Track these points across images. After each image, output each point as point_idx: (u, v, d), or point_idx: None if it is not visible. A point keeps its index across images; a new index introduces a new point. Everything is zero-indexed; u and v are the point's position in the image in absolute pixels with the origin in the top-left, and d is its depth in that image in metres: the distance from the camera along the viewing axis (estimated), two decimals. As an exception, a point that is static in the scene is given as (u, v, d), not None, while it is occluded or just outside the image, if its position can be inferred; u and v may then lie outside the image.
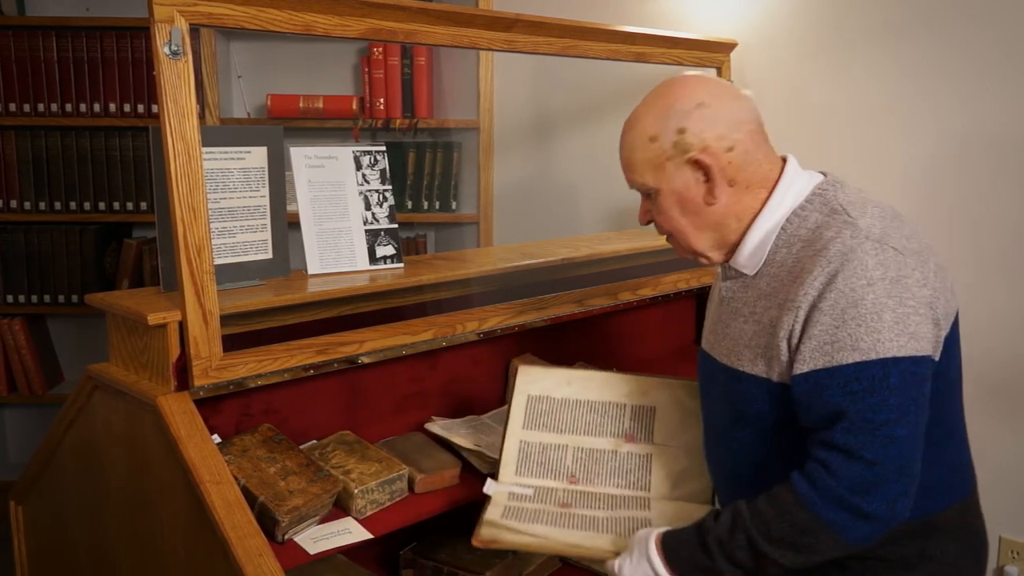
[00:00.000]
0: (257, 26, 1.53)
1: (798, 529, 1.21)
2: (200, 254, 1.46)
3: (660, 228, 1.41)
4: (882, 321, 1.19)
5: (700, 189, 1.33)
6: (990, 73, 2.21)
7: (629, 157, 1.38)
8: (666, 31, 2.33)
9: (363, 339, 1.72)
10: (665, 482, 1.58)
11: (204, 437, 1.46)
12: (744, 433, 1.36)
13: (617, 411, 1.66)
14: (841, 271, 1.22)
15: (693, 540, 1.29)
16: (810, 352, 1.23)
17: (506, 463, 1.61)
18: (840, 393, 1.20)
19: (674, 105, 1.34)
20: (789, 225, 1.32)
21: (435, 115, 3.35)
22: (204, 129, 1.50)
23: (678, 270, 2.44)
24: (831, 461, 1.20)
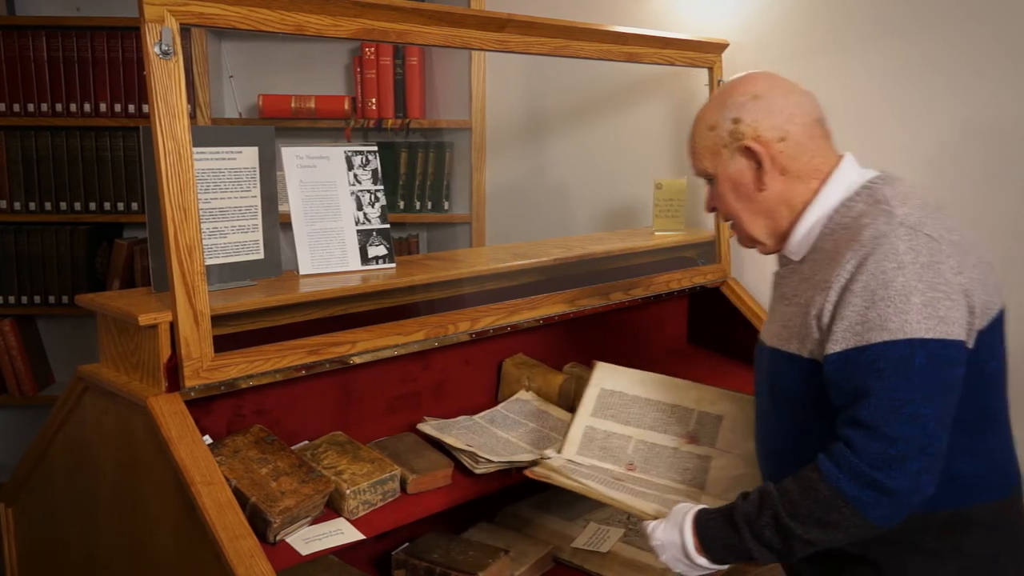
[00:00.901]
0: (249, 26, 1.52)
1: (822, 506, 1.23)
2: (191, 254, 1.46)
3: (721, 214, 1.49)
4: (910, 303, 1.22)
5: (752, 176, 1.41)
6: (987, 70, 2.20)
7: (693, 145, 1.47)
8: (657, 31, 2.34)
9: (355, 339, 1.72)
10: (719, 484, 1.62)
11: (195, 438, 1.46)
12: (781, 412, 1.41)
13: (684, 414, 1.73)
14: (872, 254, 1.26)
15: (722, 517, 1.33)
16: (841, 332, 1.26)
17: (570, 443, 1.69)
18: (867, 372, 1.23)
19: (732, 96, 1.43)
20: (836, 215, 1.37)
21: (427, 115, 3.35)
22: (195, 129, 1.50)
23: (670, 270, 2.45)
24: (854, 438, 1.23)
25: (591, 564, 1.84)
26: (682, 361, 2.51)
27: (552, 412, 2.02)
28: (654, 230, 2.65)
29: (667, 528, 1.37)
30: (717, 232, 2.60)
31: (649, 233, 2.65)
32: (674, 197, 2.64)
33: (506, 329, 2.02)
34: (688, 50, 2.42)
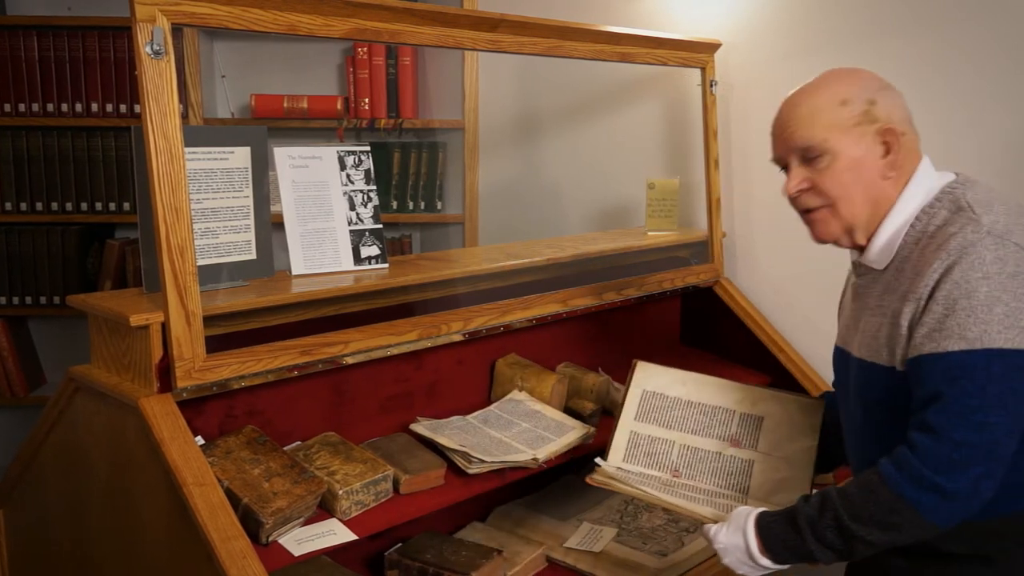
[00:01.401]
0: (241, 26, 1.52)
1: (883, 508, 1.26)
2: (183, 255, 1.46)
3: (818, 195, 1.41)
4: (992, 313, 1.23)
5: (877, 162, 1.37)
6: (986, 70, 2.20)
7: (808, 117, 1.38)
8: (650, 31, 2.34)
9: (347, 340, 1.72)
10: (763, 488, 1.63)
11: (187, 439, 1.45)
12: (876, 424, 1.41)
13: (726, 416, 1.73)
14: (958, 263, 1.26)
15: (785, 519, 1.36)
16: (920, 339, 1.28)
17: (615, 449, 1.70)
18: (941, 378, 1.25)
19: (864, 79, 1.40)
20: (918, 223, 1.37)
21: (420, 115, 3.35)
22: (186, 129, 1.49)
23: (663, 270, 2.45)
24: (919, 441, 1.25)
25: (584, 564, 1.84)
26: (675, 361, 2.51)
27: (545, 412, 2.02)
28: (647, 230, 2.65)
29: (730, 531, 1.40)
30: (710, 232, 2.60)
31: (642, 233, 2.65)
32: (667, 197, 2.64)
33: (499, 329, 2.02)
34: (681, 50, 2.42)
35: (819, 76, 1.44)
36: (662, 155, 2.87)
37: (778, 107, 1.46)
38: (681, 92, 2.77)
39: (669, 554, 1.86)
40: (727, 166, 2.67)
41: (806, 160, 1.40)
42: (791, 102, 1.43)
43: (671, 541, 1.91)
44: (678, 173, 2.77)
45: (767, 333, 2.49)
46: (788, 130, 1.41)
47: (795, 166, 1.42)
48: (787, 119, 1.42)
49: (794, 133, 1.40)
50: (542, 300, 2.10)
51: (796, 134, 1.39)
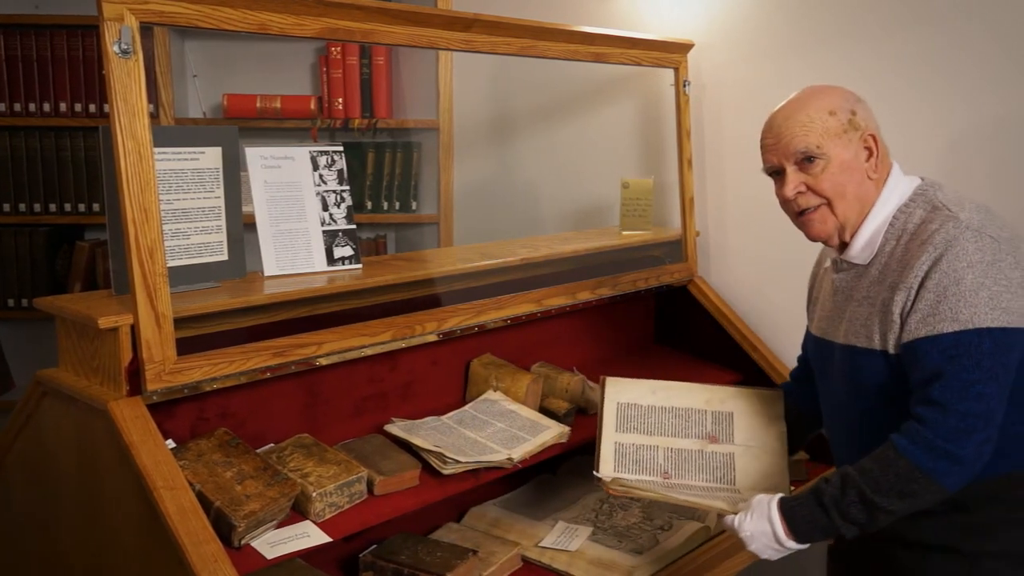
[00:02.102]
0: (210, 25, 1.51)
1: (902, 479, 1.39)
2: (152, 256, 1.44)
3: (815, 196, 1.54)
4: (979, 297, 1.39)
5: (862, 164, 1.53)
6: (959, 71, 2.22)
7: (805, 127, 1.53)
8: (624, 32, 2.35)
9: (321, 341, 1.71)
10: (749, 477, 1.73)
11: (157, 442, 1.44)
12: (865, 404, 1.55)
13: (699, 416, 1.82)
14: (945, 255, 1.42)
15: (810, 501, 1.46)
16: (915, 323, 1.43)
17: (604, 460, 1.76)
18: (940, 357, 1.39)
19: (843, 93, 1.56)
20: (896, 221, 1.53)
21: (394, 115, 3.33)
22: (156, 129, 1.48)
23: (637, 269, 2.46)
24: (927, 415, 1.39)
25: (559, 563, 1.85)
26: (649, 360, 2.53)
27: (520, 412, 2.02)
28: (621, 230, 2.66)
29: (754, 519, 1.50)
30: (683, 231, 2.62)
31: (616, 232, 2.66)
32: (641, 197, 2.65)
33: (474, 329, 2.01)
34: (654, 50, 2.43)
35: (801, 92, 1.58)
36: (636, 155, 2.88)
37: (762, 118, 1.60)
38: (655, 92, 2.78)
39: (644, 552, 1.87)
40: (700, 166, 2.68)
41: (802, 165, 1.53)
42: (783, 115, 1.56)
43: (646, 539, 1.92)
44: (652, 173, 2.78)
45: (740, 331, 2.51)
46: (784, 139, 1.54)
47: (792, 172, 1.54)
48: (781, 130, 1.55)
49: (792, 141, 1.53)
50: (516, 300, 2.10)
51: (793, 141, 1.53)
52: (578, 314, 2.33)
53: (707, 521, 1.98)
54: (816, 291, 1.76)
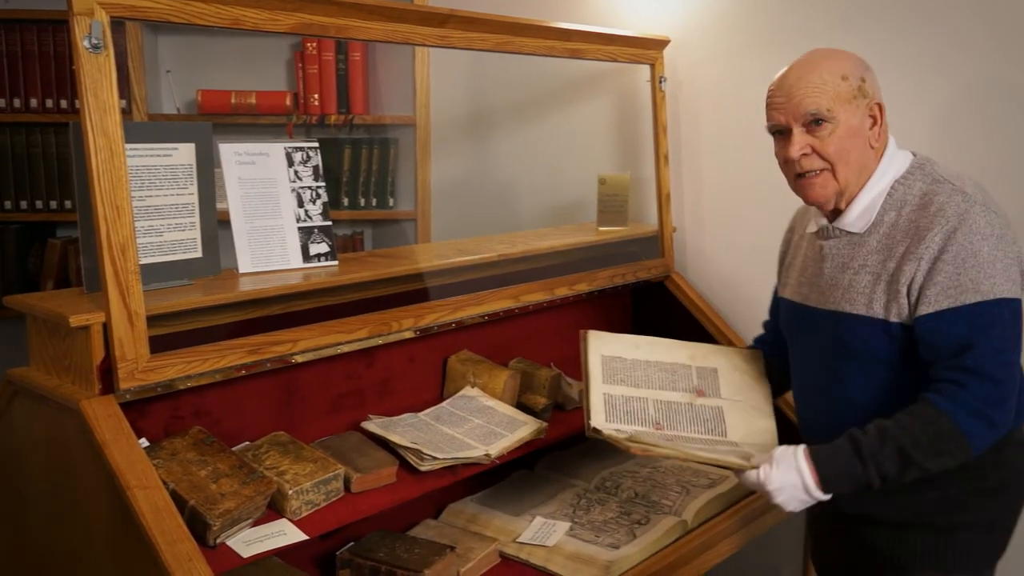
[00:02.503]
0: (183, 20, 1.49)
1: (941, 438, 1.43)
2: (124, 253, 1.43)
3: (820, 159, 1.55)
4: (995, 269, 1.45)
5: (866, 132, 1.55)
6: (930, 59, 2.24)
7: (818, 88, 1.52)
8: (600, 28, 2.35)
9: (296, 338, 1.70)
10: (739, 430, 1.73)
11: (130, 441, 1.42)
12: (853, 368, 1.57)
13: (684, 370, 1.82)
14: (960, 228, 1.46)
15: (848, 450, 1.47)
16: (935, 295, 1.46)
17: (595, 411, 1.71)
18: (967, 327, 1.44)
19: (855, 59, 1.57)
20: (895, 192, 1.56)
21: (371, 111, 3.32)
22: (127, 125, 1.46)
23: (614, 265, 2.46)
24: (966, 381, 1.44)
25: (537, 558, 1.85)
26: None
27: (498, 408, 2.02)
28: (598, 225, 2.66)
29: (781, 471, 1.49)
30: (660, 227, 2.62)
31: (593, 228, 2.66)
32: (618, 192, 2.65)
33: (451, 325, 2.01)
34: (630, 47, 2.44)
35: (813, 53, 1.58)
36: (613, 151, 2.89)
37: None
38: (631, 88, 2.79)
39: (621, 546, 1.87)
40: (677, 161, 2.69)
41: (809, 127, 1.54)
42: (795, 74, 1.55)
43: (623, 534, 1.93)
44: (629, 169, 2.79)
45: (717, 327, 2.52)
46: (795, 99, 1.53)
47: (798, 132, 1.54)
48: (793, 89, 1.54)
49: (802, 101, 1.53)
50: (494, 296, 2.10)
51: (804, 102, 1.52)
52: (555, 310, 2.33)
53: (684, 515, 1.99)
54: (791, 257, 1.77)
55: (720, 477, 2.15)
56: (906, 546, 1.58)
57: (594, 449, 2.31)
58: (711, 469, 2.19)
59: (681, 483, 2.13)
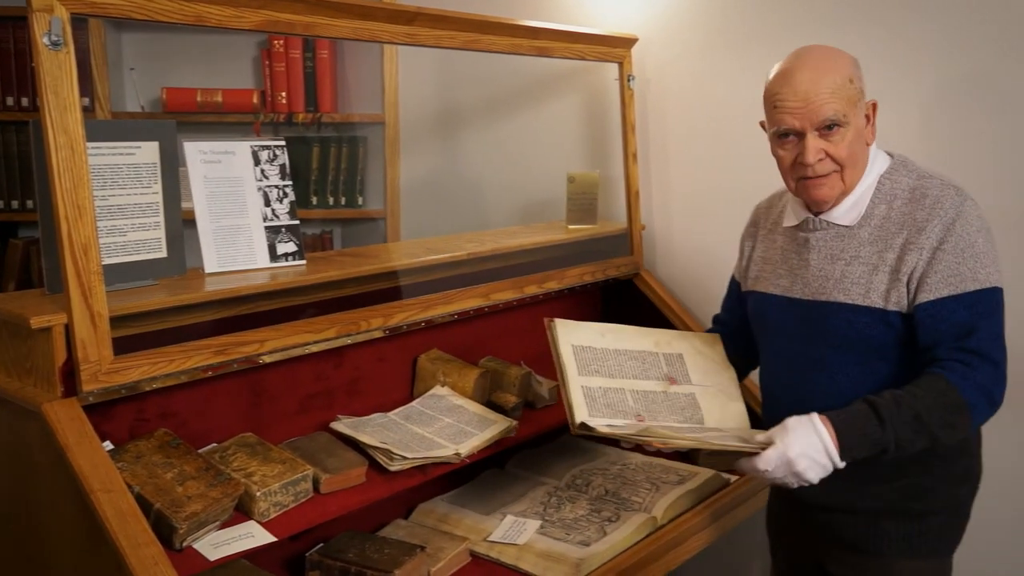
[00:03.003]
0: (145, 16, 1.47)
1: (951, 410, 1.48)
2: (87, 253, 1.41)
3: (832, 162, 1.57)
4: (988, 258, 1.53)
5: (864, 131, 1.59)
6: (898, 64, 2.26)
7: (834, 94, 1.53)
8: (568, 26, 2.35)
9: (264, 338, 1.69)
10: (713, 415, 1.74)
11: (94, 444, 1.40)
12: (844, 357, 1.60)
13: (652, 358, 1.81)
14: (957, 220, 1.53)
15: (866, 413, 1.49)
16: (936, 284, 1.52)
17: (578, 406, 1.68)
18: (968, 313, 1.50)
19: (852, 59, 1.59)
20: (883, 186, 1.61)
21: (339, 109, 3.30)
22: (89, 123, 1.44)
23: (583, 263, 2.47)
24: (972, 362, 1.50)
25: (507, 557, 1.85)
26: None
27: (468, 406, 2.02)
28: (567, 224, 2.67)
29: (800, 436, 1.47)
30: (629, 225, 2.64)
31: (563, 227, 2.67)
32: (587, 190, 2.66)
33: (420, 324, 2.00)
34: (598, 45, 2.45)
35: (814, 53, 1.58)
36: (582, 149, 2.89)
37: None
38: (600, 86, 2.80)
39: (592, 544, 1.88)
40: (645, 159, 2.70)
41: (823, 132, 1.55)
42: (808, 79, 1.54)
43: (593, 531, 1.93)
44: (598, 167, 2.79)
45: (685, 323, 2.53)
46: (813, 105, 1.53)
47: (813, 138, 1.56)
48: (809, 95, 1.53)
49: (822, 108, 1.53)
50: (464, 295, 2.10)
51: (824, 109, 1.53)
52: (525, 308, 2.33)
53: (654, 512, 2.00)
54: (762, 251, 1.78)
55: (689, 473, 2.17)
56: (881, 534, 1.62)
57: (564, 447, 2.32)
58: (681, 465, 2.21)
59: (651, 480, 2.15)
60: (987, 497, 1.78)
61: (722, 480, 2.13)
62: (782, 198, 1.77)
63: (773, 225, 1.77)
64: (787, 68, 1.57)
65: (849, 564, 1.67)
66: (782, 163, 1.61)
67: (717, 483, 2.12)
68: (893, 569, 1.63)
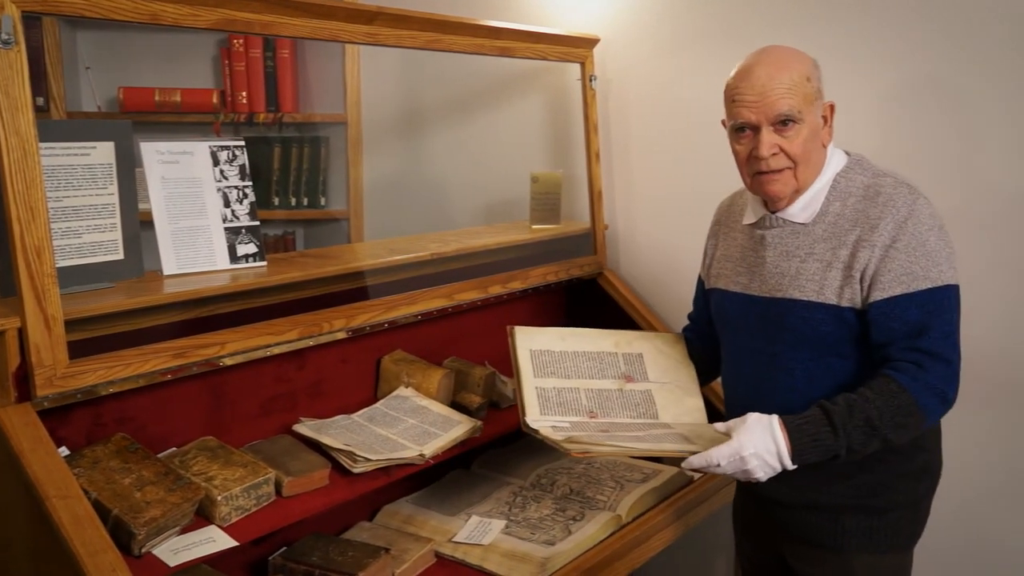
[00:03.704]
0: (98, 15, 1.45)
1: (902, 412, 1.50)
2: (40, 256, 1.38)
3: (786, 158, 1.58)
4: (941, 256, 1.54)
5: (820, 131, 1.61)
6: (863, 58, 2.29)
7: (791, 90, 1.55)
8: (530, 26, 2.35)
9: (224, 341, 1.67)
10: (669, 411, 1.77)
11: (49, 450, 1.38)
12: (800, 354, 1.62)
13: (611, 358, 1.84)
14: (909, 219, 1.54)
15: (819, 419, 1.51)
16: (888, 282, 1.53)
17: (530, 406, 1.72)
18: (920, 312, 1.52)
19: (811, 60, 1.61)
20: (838, 184, 1.62)
21: (301, 109, 3.28)
22: (42, 123, 1.41)
23: (547, 263, 2.48)
24: (923, 361, 1.51)
25: (473, 557, 1.85)
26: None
27: (432, 407, 2.01)
28: (531, 224, 2.67)
29: (757, 437, 1.51)
30: (593, 224, 2.65)
31: (526, 227, 2.67)
32: (550, 190, 2.67)
33: (384, 326, 2.00)
34: (560, 45, 2.45)
35: (774, 51, 1.60)
36: (545, 149, 2.90)
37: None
38: (562, 87, 2.81)
39: (557, 543, 1.88)
40: (608, 159, 2.72)
41: (778, 127, 1.57)
42: (765, 73, 1.56)
43: (559, 530, 1.94)
44: (561, 166, 2.80)
45: (649, 322, 2.55)
46: (769, 99, 1.55)
47: (768, 132, 1.57)
48: (766, 89, 1.56)
49: (777, 102, 1.55)
50: (427, 295, 2.09)
51: (779, 103, 1.55)
52: (490, 308, 2.33)
53: (619, 510, 2.01)
54: (723, 249, 1.80)
55: (653, 471, 2.18)
56: (842, 530, 1.64)
57: (530, 447, 2.32)
58: (645, 464, 2.22)
59: (615, 478, 2.16)
60: (947, 492, 1.82)
61: (685, 478, 2.15)
62: (743, 196, 1.79)
63: (733, 223, 1.79)
64: (746, 65, 1.59)
65: (810, 559, 1.69)
66: (738, 157, 1.63)
67: (681, 480, 2.14)
68: (853, 564, 1.65)
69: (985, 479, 2.21)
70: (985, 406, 2.15)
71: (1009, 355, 2.14)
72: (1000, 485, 2.20)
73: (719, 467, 1.52)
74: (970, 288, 1.67)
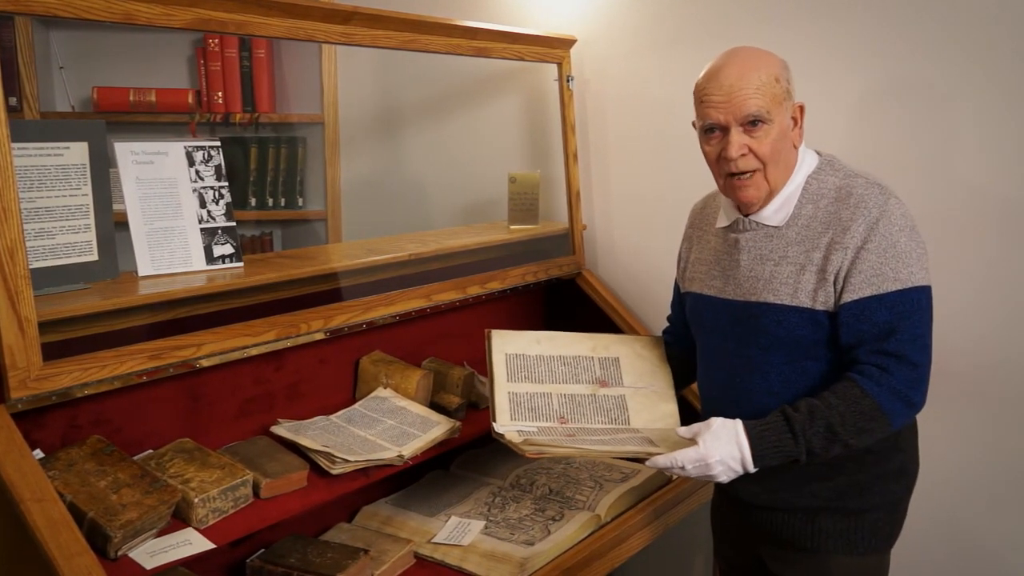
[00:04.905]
0: (70, 14, 1.44)
1: (864, 416, 1.51)
2: (13, 257, 1.37)
3: (755, 160, 1.58)
4: (912, 258, 1.53)
5: (790, 132, 1.60)
6: (838, 56, 2.30)
7: (759, 90, 1.55)
8: (506, 27, 2.36)
9: (200, 342, 1.66)
10: (642, 416, 1.78)
11: (23, 453, 1.36)
12: (775, 357, 1.62)
13: (587, 362, 1.85)
14: (881, 219, 1.53)
15: (780, 426, 1.53)
16: (859, 284, 1.53)
17: (500, 411, 1.73)
18: (889, 313, 1.51)
19: (781, 61, 1.61)
20: (810, 186, 1.62)
21: (277, 109, 3.26)
22: (15, 123, 1.40)
23: (525, 263, 2.48)
24: (888, 364, 1.51)
25: (452, 558, 1.85)
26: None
27: (411, 408, 2.01)
28: (509, 224, 2.67)
29: (722, 443, 1.52)
30: (571, 224, 2.65)
31: (505, 227, 2.67)
32: (528, 190, 2.67)
33: (362, 326, 1.99)
34: (537, 45, 2.46)
35: (742, 52, 1.59)
36: (523, 149, 2.91)
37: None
38: (540, 87, 2.81)
39: (536, 543, 1.89)
40: (585, 160, 2.73)
41: (747, 128, 1.56)
42: (735, 73, 1.56)
43: (538, 530, 1.94)
44: (539, 167, 2.81)
45: (627, 322, 2.56)
46: (737, 99, 1.55)
47: (737, 132, 1.57)
48: (734, 89, 1.55)
49: (745, 102, 1.54)
50: (405, 296, 2.09)
51: (747, 103, 1.54)
52: (468, 309, 2.33)
53: (598, 510, 2.02)
54: (697, 252, 1.80)
55: (633, 471, 2.19)
56: (819, 531, 1.64)
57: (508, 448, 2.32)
58: (624, 463, 2.23)
59: (594, 478, 2.16)
60: (924, 493, 1.83)
61: (664, 478, 2.16)
62: (716, 199, 1.80)
63: (707, 226, 1.80)
64: (715, 65, 1.59)
65: (788, 561, 1.70)
66: (708, 158, 1.63)
67: (659, 480, 2.15)
68: (831, 565, 1.65)
69: (963, 480, 2.23)
70: (961, 407, 2.17)
71: (984, 356, 2.16)
72: (977, 486, 2.22)
73: (684, 470, 1.53)
74: (944, 289, 1.68)
